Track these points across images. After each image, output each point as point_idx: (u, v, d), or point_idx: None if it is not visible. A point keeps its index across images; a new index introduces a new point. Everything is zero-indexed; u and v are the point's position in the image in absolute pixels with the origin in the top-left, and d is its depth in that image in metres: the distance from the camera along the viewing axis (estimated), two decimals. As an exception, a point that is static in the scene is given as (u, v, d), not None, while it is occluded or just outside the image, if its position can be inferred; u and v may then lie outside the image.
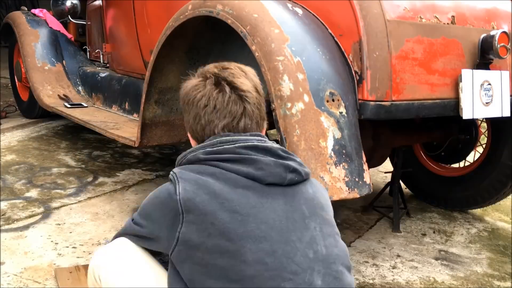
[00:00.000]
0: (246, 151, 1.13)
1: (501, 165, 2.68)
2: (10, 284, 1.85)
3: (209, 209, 1.07)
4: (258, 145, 1.14)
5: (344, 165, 1.64)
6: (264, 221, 1.08)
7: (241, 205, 1.08)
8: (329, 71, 1.71)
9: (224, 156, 1.12)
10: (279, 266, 1.06)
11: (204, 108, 1.19)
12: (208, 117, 1.19)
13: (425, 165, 3.08)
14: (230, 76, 1.20)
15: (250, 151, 1.13)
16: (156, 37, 2.28)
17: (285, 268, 1.07)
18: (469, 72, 1.92)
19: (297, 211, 1.13)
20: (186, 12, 2.03)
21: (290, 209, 1.13)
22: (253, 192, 1.10)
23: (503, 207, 3.18)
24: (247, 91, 1.19)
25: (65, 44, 4.09)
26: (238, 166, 1.11)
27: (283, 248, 1.08)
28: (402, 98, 1.77)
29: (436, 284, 2.15)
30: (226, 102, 1.18)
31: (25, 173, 3.04)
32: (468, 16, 2.02)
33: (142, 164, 3.42)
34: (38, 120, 4.31)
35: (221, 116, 1.18)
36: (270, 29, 1.72)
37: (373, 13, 1.74)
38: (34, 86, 3.75)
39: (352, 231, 2.59)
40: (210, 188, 1.09)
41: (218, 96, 1.18)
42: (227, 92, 1.18)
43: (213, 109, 1.18)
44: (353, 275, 1.24)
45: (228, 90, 1.18)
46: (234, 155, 1.12)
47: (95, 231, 2.35)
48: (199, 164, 1.15)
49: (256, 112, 1.21)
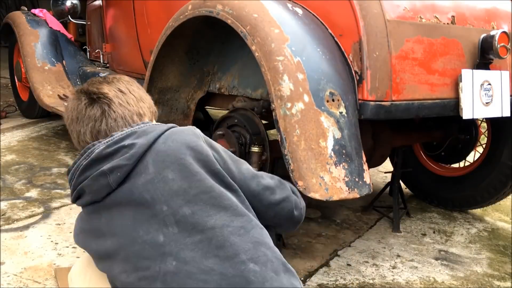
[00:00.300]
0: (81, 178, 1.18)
1: (501, 165, 2.68)
2: (10, 284, 1.85)
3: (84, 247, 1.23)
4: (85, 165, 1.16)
5: (344, 165, 1.64)
6: (113, 233, 1.13)
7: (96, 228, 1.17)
8: (329, 71, 1.71)
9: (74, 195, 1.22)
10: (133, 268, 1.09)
11: (70, 122, 1.23)
12: (75, 128, 1.23)
13: (425, 165, 3.08)
14: (90, 86, 1.23)
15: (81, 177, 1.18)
16: (156, 37, 2.28)
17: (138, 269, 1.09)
18: (469, 72, 1.92)
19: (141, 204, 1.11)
20: (186, 12, 2.03)
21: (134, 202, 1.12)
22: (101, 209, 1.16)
23: (503, 207, 3.18)
24: (104, 93, 1.21)
25: (65, 44, 4.09)
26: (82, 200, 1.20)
27: (132, 250, 1.10)
28: (402, 98, 1.77)
29: (436, 284, 2.15)
30: (83, 109, 1.20)
31: (25, 173, 3.04)
32: (468, 16, 2.02)
33: (142, 164, 3.42)
34: (38, 120, 4.31)
35: (84, 124, 1.20)
36: (270, 29, 1.72)
37: (373, 13, 1.74)
38: (34, 86, 3.75)
39: (352, 231, 2.59)
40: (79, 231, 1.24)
41: (76, 106, 1.21)
42: (82, 100, 1.21)
43: (76, 119, 1.22)
44: None
45: (84, 97, 1.21)
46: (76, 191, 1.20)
47: (95, 231, 2.35)
48: None
49: (120, 111, 1.21)
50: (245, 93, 2.20)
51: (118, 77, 1.30)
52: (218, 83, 2.36)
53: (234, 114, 2.07)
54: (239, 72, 2.26)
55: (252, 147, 1.94)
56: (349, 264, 2.24)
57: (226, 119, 2.09)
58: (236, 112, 2.07)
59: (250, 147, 1.95)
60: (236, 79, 2.26)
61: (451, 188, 2.96)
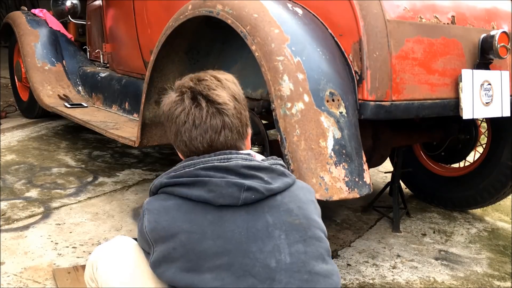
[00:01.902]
0: (206, 172, 1.13)
1: (501, 165, 2.68)
2: (10, 284, 1.85)
3: (169, 234, 1.11)
4: (217, 166, 1.14)
5: (344, 165, 1.64)
6: (221, 235, 1.09)
7: (198, 223, 1.10)
8: (329, 71, 1.71)
9: (181, 180, 1.14)
10: (235, 280, 1.07)
11: (184, 125, 1.20)
12: (189, 133, 1.19)
13: (425, 165, 3.08)
14: (206, 89, 1.20)
15: (209, 172, 1.13)
16: (156, 37, 2.28)
17: (241, 281, 1.07)
18: (469, 72, 1.92)
19: (259, 220, 1.12)
20: (186, 12, 2.03)
21: (252, 218, 1.11)
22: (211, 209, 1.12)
23: (503, 207, 3.18)
24: (223, 103, 1.19)
25: (65, 44, 4.09)
26: (191, 189, 1.13)
27: (240, 261, 1.08)
28: (402, 98, 1.77)
29: (436, 284, 2.15)
30: (204, 117, 1.18)
31: (25, 173, 3.04)
32: (468, 16, 2.02)
33: (142, 164, 3.42)
34: (38, 120, 4.31)
35: (202, 131, 1.18)
36: (270, 29, 1.72)
37: (373, 13, 1.74)
38: (34, 86, 3.75)
39: (352, 231, 2.59)
40: (169, 214, 1.13)
41: (195, 112, 1.18)
42: (204, 107, 1.18)
43: (192, 125, 1.19)
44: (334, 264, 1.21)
45: (205, 104, 1.18)
46: (190, 178, 1.13)
47: (95, 231, 2.35)
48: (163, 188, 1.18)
49: (236, 122, 1.20)
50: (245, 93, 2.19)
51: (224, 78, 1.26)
52: (218, 83, 2.35)
53: (234, 114, 2.06)
54: (239, 72, 2.26)
55: (252, 147, 1.94)
56: (349, 264, 2.24)
57: (226, 119, 2.09)
58: (236, 112, 2.07)
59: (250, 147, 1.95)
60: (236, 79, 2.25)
61: (451, 188, 2.96)
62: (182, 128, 1.20)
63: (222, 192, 1.10)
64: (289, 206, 1.15)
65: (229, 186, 1.11)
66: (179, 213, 1.12)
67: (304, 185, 1.25)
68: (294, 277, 1.10)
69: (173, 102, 1.22)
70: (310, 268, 1.12)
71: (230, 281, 1.07)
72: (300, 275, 1.11)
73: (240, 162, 1.15)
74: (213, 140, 1.19)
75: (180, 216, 1.12)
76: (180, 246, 1.09)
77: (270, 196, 1.14)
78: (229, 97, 1.21)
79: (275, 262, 1.09)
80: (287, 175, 1.20)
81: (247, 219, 1.11)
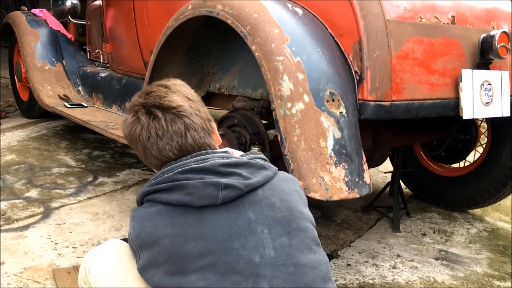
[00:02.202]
0: (184, 175, 1.14)
1: (501, 165, 2.68)
2: (10, 284, 1.85)
3: (153, 240, 1.12)
4: (194, 168, 1.14)
5: (344, 165, 1.64)
6: (203, 236, 1.09)
7: (179, 227, 1.11)
8: (329, 71, 1.71)
9: (160, 186, 1.15)
10: (220, 279, 1.07)
11: (149, 140, 1.20)
12: (156, 146, 1.20)
13: (425, 165, 3.08)
14: (157, 99, 1.20)
15: (187, 175, 1.14)
16: (156, 37, 2.28)
17: (226, 279, 1.07)
18: (469, 72, 1.92)
19: (240, 217, 1.12)
20: (186, 12, 2.03)
21: (233, 216, 1.12)
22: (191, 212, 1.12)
23: (503, 207, 3.18)
24: (178, 106, 1.19)
25: (65, 44, 4.09)
26: (170, 194, 1.13)
27: (224, 259, 1.08)
28: (402, 98, 1.77)
29: (436, 284, 2.15)
30: (165, 125, 1.18)
31: (25, 173, 3.04)
32: (468, 16, 2.02)
33: (142, 164, 3.42)
34: (38, 120, 4.31)
35: (168, 140, 1.19)
36: (270, 29, 1.72)
37: (373, 13, 1.74)
38: (34, 86, 3.75)
39: (352, 231, 2.59)
40: (152, 220, 1.13)
41: (154, 124, 1.19)
42: (161, 117, 1.18)
43: (156, 137, 1.19)
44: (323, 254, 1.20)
45: (161, 114, 1.18)
46: (169, 183, 1.14)
47: (95, 231, 2.35)
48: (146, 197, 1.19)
49: (198, 120, 1.21)
50: (245, 93, 2.20)
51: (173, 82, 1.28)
52: (218, 83, 2.36)
53: (234, 114, 2.07)
54: (239, 72, 2.26)
55: (252, 147, 1.94)
56: (349, 264, 2.24)
57: (226, 119, 2.09)
58: (236, 112, 2.07)
59: (250, 147, 1.95)
60: (236, 79, 2.26)
61: (451, 188, 2.96)
62: (148, 144, 1.20)
63: (200, 193, 1.11)
64: (271, 200, 1.15)
65: (206, 186, 1.11)
66: (161, 219, 1.13)
67: (287, 176, 1.24)
68: (280, 270, 1.09)
69: (130, 123, 1.22)
70: (295, 260, 1.11)
71: (215, 280, 1.07)
72: (285, 268, 1.10)
73: (217, 161, 1.15)
74: (182, 144, 1.19)
75: (162, 222, 1.12)
76: (163, 251, 1.10)
77: (250, 191, 1.14)
78: (181, 99, 1.21)
79: (259, 258, 1.09)
80: (267, 168, 1.19)
81: (228, 217, 1.11)
